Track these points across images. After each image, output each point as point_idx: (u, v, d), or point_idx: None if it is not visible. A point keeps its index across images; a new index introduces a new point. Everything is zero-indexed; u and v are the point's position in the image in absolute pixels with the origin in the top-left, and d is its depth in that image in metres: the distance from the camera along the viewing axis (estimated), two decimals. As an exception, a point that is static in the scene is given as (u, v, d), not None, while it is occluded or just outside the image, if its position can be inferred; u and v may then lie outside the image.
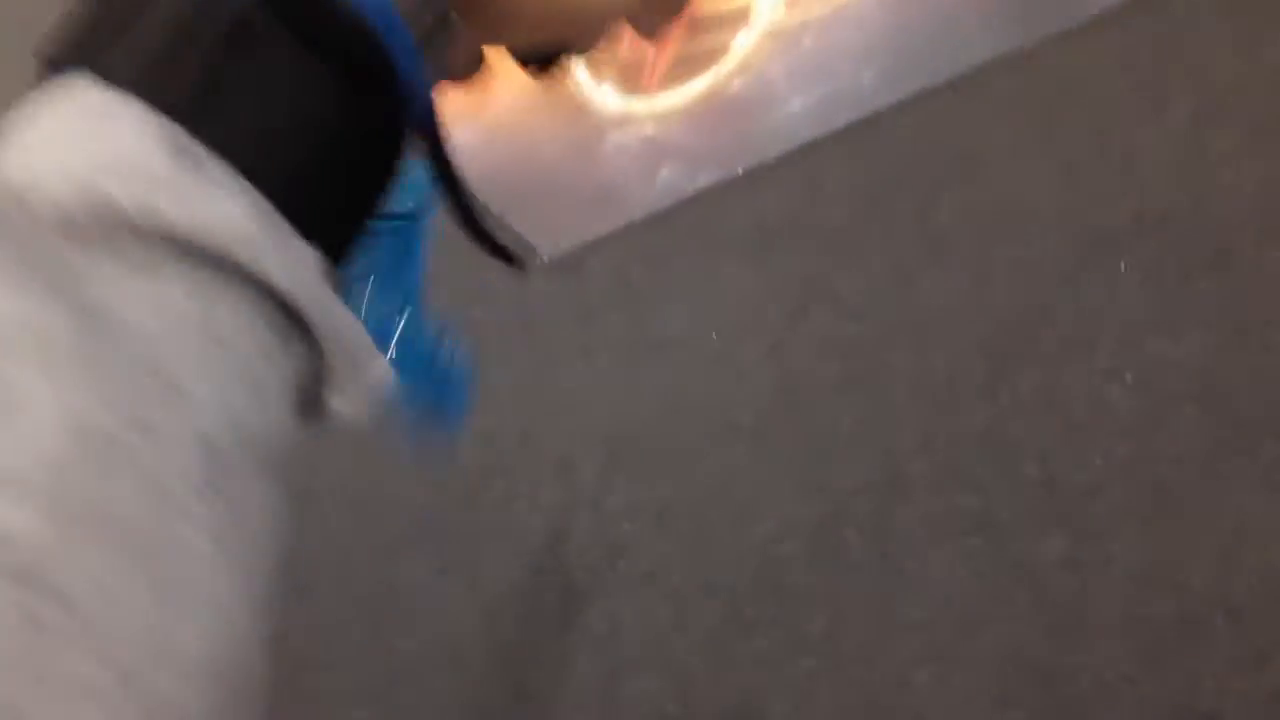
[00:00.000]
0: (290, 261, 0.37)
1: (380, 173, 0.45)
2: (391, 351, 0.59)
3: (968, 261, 1.30)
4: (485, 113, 1.46)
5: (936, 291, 1.32)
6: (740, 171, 1.31)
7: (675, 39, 1.33)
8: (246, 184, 0.35)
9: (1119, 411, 1.20)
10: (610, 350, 1.43)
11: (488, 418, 1.42)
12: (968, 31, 1.25)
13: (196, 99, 0.36)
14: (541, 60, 0.75)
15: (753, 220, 1.38)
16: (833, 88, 1.28)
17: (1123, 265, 1.21)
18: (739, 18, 1.32)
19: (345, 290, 0.44)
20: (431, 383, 0.64)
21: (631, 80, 1.37)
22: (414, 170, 0.52)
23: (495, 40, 0.65)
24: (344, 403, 0.44)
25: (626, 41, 1.35)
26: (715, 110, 1.32)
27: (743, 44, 1.30)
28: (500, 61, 0.79)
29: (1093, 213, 1.25)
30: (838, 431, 1.35)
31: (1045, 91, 1.27)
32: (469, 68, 0.70)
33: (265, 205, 0.36)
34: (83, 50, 0.38)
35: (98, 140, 0.34)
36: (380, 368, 0.44)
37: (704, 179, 1.33)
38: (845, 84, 1.28)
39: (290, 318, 0.39)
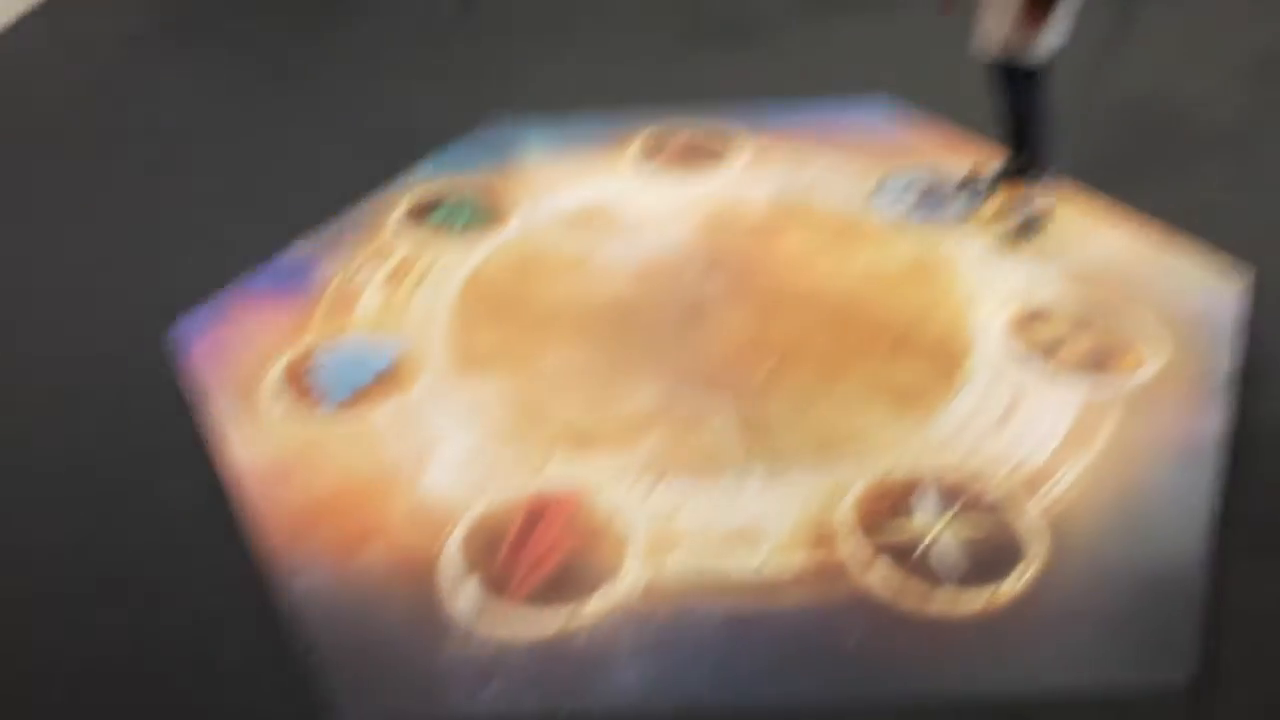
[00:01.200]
0: None
1: None
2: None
3: None
4: (353, 559, 1.57)
5: None
6: (563, 714, 1.39)
7: (549, 563, 1.50)
8: None
9: None
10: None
11: None
12: (790, 666, 1.41)
13: None
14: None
15: (557, 763, 1.41)
16: (669, 674, 1.42)
17: None
18: (602, 580, 1.50)
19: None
20: None
21: (497, 588, 1.51)
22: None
23: None
24: None
25: (503, 551, 1.51)
26: (561, 650, 1.44)
27: (598, 605, 1.47)
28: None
29: None
30: None
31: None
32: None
33: None
34: None
35: None
36: None
37: (527, 706, 1.40)
38: (680, 676, 1.42)
39: None
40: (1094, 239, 2.28)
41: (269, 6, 3.98)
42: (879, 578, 1.56)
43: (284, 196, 2.63)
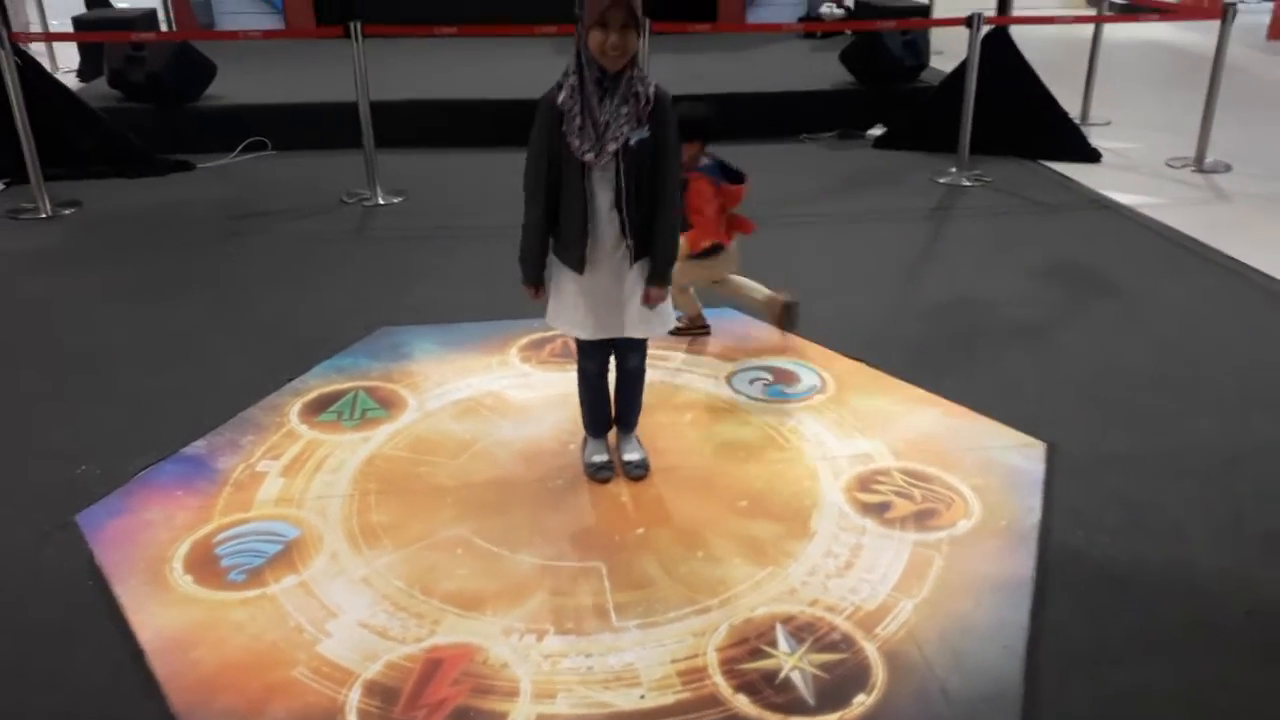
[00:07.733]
0: None
1: None
2: None
3: None
4: (258, 718, 1.63)
5: None
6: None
7: (445, 710, 1.61)
8: None
9: None
10: None
11: None
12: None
13: None
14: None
15: None
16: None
17: None
18: None
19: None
20: None
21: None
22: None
23: None
24: None
25: (401, 702, 1.61)
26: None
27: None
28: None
29: None
30: None
31: None
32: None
33: None
34: None
35: None
36: None
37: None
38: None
39: None
40: (913, 418, 2.67)
41: (173, 225, 4.27)
42: (743, 705, 1.75)
43: (185, 396, 2.80)
